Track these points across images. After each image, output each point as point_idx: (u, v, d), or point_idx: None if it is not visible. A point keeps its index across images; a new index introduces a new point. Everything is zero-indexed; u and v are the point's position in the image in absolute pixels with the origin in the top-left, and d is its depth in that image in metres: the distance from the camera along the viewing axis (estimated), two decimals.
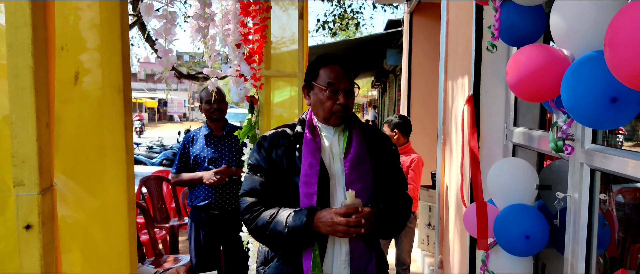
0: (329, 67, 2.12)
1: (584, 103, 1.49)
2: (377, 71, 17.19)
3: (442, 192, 3.99)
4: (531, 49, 1.69)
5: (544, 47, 1.68)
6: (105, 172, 0.73)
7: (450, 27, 3.77)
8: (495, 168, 2.39)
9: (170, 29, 1.80)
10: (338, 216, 1.91)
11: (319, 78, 2.11)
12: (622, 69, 0.98)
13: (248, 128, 2.93)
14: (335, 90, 2.08)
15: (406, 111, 6.57)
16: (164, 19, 1.78)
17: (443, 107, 3.88)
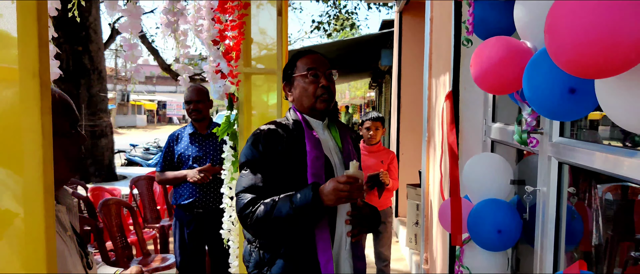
0: (306, 56, 2.19)
1: (543, 95, 1.49)
2: (373, 72, 17.17)
3: (427, 190, 3.99)
4: (493, 42, 1.69)
5: (506, 40, 1.67)
6: (22, 156, 0.73)
7: (434, 25, 3.77)
8: (470, 164, 2.39)
9: (136, 24, 1.79)
10: (340, 183, 1.89)
11: (298, 69, 2.17)
12: (560, 55, 0.98)
13: (227, 126, 2.93)
14: (316, 74, 2.13)
15: (396, 110, 6.58)
16: (129, 13, 1.78)
17: (427, 105, 3.88)
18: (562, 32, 0.96)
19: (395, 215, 6.48)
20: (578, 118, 1.52)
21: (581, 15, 0.94)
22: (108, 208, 4.44)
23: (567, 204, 1.96)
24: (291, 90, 2.20)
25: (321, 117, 2.20)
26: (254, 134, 2.14)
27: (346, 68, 16.69)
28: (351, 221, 2.09)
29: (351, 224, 2.10)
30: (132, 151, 14.96)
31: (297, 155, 2.07)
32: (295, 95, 2.18)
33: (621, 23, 0.91)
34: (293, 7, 18.15)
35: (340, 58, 13.65)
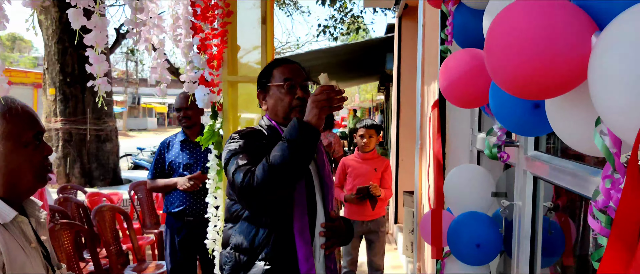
0: (282, 66, 2.16)
1: (508, 110, 1.45)
2: (381, 76, 17.13)
3: (420, 198, 3.93)
4: (460, 54, 1.65)
5: (473, 53, 1.63)
6: None
7: (426, 31, 3.73)
8: (451, 176, 2.35)
9: (102, 37, 1.77)
10: (316, 95, 1.82)
11: (274, 78, 2.13)
12: (497, 75, 0.94)
13: (210, 135, 2.90)
14: (292, 85, 2.09)
15: (396, 115, 6.52)
16: (94, 25, 1.76)
17: (420, 112, 3.83)
18: (499, 53, 0.92)
19: (394, 221, 6.42)
20: (544, 133, 1.47)
21: (516, 36, 0.90)
22: (102, 214, 4.44)
23: (548, 218, 1.91)
24: (265, 99, 2.17)
25: None
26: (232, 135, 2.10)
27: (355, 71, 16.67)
28: (325, 233, 2.06)
29: (325, 236, 2.06)
30: (139, 155, 15.03)
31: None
32: (269, 104, 2.15)
33: (556, 44, 0.87)
34: (301, 10, 18.15)
35: (348, 62, 13.63)
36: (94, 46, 1.79)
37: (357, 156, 4.31)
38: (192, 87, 2.69)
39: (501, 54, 0.92)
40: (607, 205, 0.89)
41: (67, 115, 9.40)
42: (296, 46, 21.38)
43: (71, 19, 1.71)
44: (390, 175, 4.34)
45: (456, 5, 2.21)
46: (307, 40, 28.70)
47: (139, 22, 1.91)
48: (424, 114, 3.77)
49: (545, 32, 0.88)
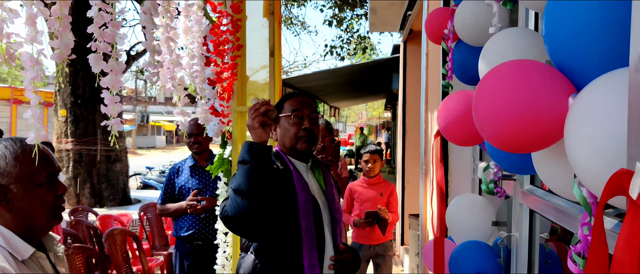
0: (292, 99, 2.28)
1: (500, 151, 1.53)
2: (387, 94, 17.25)
3: (425, 223, 4.01)
4: (457, 96, 1.74)
5: (468, 94, 1.72)
6: None
7: (429, 59, 3.83)
8: (453, 204, 2.42)
9: (117, 80, 1.88)
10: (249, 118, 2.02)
11: (284, 110, 2.25)
12: (484, 131, 1.03)
13: (220, 163, 3.00)
14: (300, 116, 2.20)
15: (401, 137, 6.61)
16: (111, 69, 1.87)
17: (424, 138, 3.92)
18: (484, 110, 1.02)
19: (401, 242, 6.48)
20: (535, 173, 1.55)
21: (499, 96, 0.99)
22: (113, 237, 4.54)
23: (545, 248, 1.98)
24: (275, 130, 2.27)
25: (305, 159, 2.27)
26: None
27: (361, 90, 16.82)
28: (334, 266, 2.14)
29: (334, 269, 2.15)
30: (148, 174, 15.16)
31: (286, 194, 2.13)
32: (278, 134, 2.26)
33: (536, 104, 0.96)
34: (308, 30, 18.38)
35: (355, 81, 13.78)
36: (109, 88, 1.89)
37: (363, 181, 4.40)
38: (207, 118, 2.80)
39: (486, 112, 1.01)
40: (585, 250, 0.98)
41: (77, 136, 9.56)
42: (303, 65, 21.58)
43: (92, 63, 1.82)
44: (396, 199, 4.43)
45: (456, 42, 2.32)
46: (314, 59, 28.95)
47: (157, 63, 2.02)
48: (428, 140, 3.85)
49: (526, 93, 0.98)
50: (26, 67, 1.70)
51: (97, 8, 1.79)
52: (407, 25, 6.06)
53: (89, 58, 1.82)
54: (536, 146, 1.01)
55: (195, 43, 2.69)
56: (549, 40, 1.04)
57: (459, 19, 2.12)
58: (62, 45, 1.64)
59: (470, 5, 2.05)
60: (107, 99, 1.84)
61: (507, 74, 1.02)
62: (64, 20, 1.64)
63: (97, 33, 1.81)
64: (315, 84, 13.19)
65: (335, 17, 14.21)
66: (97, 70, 1.83)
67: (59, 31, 1.63)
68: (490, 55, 1.65)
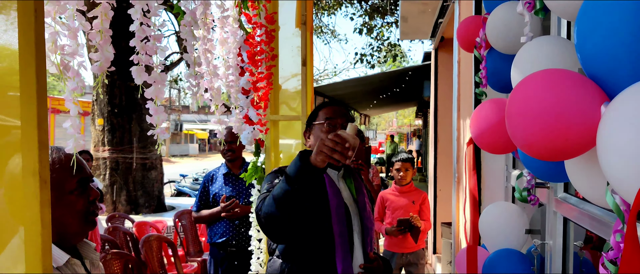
0: (326, 107, 2.32)
1: (534, 159, 1.54)
2: (418, 101, 17.17)
3: (457, 232, 3.99)
4: (490, 104, 1.76)
5: (501, 102, 1.74)
6: (24, 245, 0.87)
7: (461, 67, 3.83)
8: (486, 213, 2.43)
9: (160, 91, 1.96)
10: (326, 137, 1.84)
11: (318, 118, 2.29)
12: (517, 140, 1.05)
13: (253, 171, 3.07)
14: (333, 124, 2.23)
15: (433, 145, 6.59)
16: (154, 80, 1.94)
17: (456, 146, 3.92)
18: (517, 120, 1.04)
19: (433, 251, 6.45)
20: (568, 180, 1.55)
21: (532, 105, 1.01)
22: (150, 244, 4.65)
23: (580, 256, 1.97)
24: (309, 137, 2.32)
25: (337, 166, 2.30)
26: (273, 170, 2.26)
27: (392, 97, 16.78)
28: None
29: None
30: (182, 181, 15.41)
31: (318, 200, 2.16)
32: (311, 142, 2.30)
33: (568, 113, 0.98)
34: (338, 38, 18.47)
35: (385, 89, 13.78)
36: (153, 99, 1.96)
37: (394, 189, 4.42)
38: (241, 128, 2.87)
39: (519, 121, 1.03)
40: (617, 257, 0.99)
41: (114, 144, 9.81)
42: (333, 73, 21.66)
43: (134, 75, 1.90)
44: (428, 207, 4.43)
45: (488, 50, 2.33)
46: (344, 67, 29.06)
47: (198, 75, 2.09)
48: (460, 148, 3.85)
49: (559, 102, 1.00)
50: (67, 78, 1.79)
51: (139, 22, 1.87)
52: (438, 32, 6.06)
53: (131, 71, 1.90)
54: (569, 155, 1.02)
55: (230, 53, 2.76)
56: (581, 49, 1.06)
57: (491, 27, 2.13)
58: (102, 57, 1.72)
59: (502, 13, 2.06)
60: (152, 109, 1.91)
61: (540, 83, 1.04)
62: (105, 34, 1.72)
63: (139, 46, 1.88)
64: (345, 92, 13.24)
65: (366, 25, 14.25)
66: (140, 81, 1.91)
67: (99, 44, 1.71)
68: (522, 63, 1.66)
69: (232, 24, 2.83)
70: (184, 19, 2.16)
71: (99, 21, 1.64)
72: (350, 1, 14.61)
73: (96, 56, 1.68)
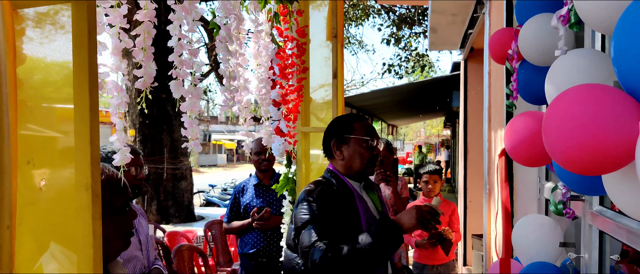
0: (363, 122, 2.31)
1: (569, 173, 1.54)
2: (447, 112, 17.06)
3: (489, 244, 3.95)
4: (524, 116, 1.76)
5: (536, 115, 1.73)
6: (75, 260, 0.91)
7: (492, 78, 3.81)
8: (519, 225, 2.41)
9: (196, 104, 2.01)
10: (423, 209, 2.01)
11: (356, 132, 2.25)
12: (554, 154, 1.06)
13: (285, 182, 3.10)
14: (374, 142, 2.24)
15: (463, 156, 6.54)
16: (190, 94, 1.99)
17: (487, 157, 3.89)
18: (554, 134, 1.05)
19: (463, 263, 6.38)
20: (605, 194, 1.54)
21: (569, 120, 1.02)
22: (181, 253, 4.72)
23: (616, 270, 1.95)
24: (341, 150, 2.27)
25: (359, 178, 2.29)
26: (306, 194, 2.17)
27: (420, 108, 16.72)
28: None
29: None
30: (211, 191, 15.59)
31: (353, 218, 2.15)
32: (346, 155, 2.25)
33: (606, 128, 0.98)
34: (366, 49, 18.53)
35: (413, 99, 13.74)
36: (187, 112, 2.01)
37: (423, 201, 4.40)
38: (270, 139, 2.91)
39: (556, 136, 1.04)
40: None
41: (145, 155, 9.99)
42: (361, 84, 21.69)
43: (173, 89, 1.95)
44: (458, 218, 4.41)
45: (520, 62, 2.32)
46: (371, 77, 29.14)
47: (233, 89, 2.14)
48: (491, 160, 3.82)
49: (597, 117, 1.00)
50: (111, 94, 1.85)
51: (177, 38, 1.92)
52: (467, 43, 6.04)
53: (170, 85, 1.96)
54: (607, 169, 1.03)
55: (262, 67, 2.81)
56: (618, 63, 1.06)
57: (523, 39, 2.13)
58: (145, 74, 1.78)
59: (535, 25, 2.06)
60: (186, 122, 1.96)
61: (578, 98, 1.05)
62: (148, 51, 1.78)
63: (177, 61, 1.94)
64: (373, 102, 13.24)
65: (394, 35, 14.26)
66: (178, 95, 1.96)
67: (143, 61, 1.76)
68: (557, 76, 1.66)
69: (264, 38, 2.88)
70: (219, 35, 2.21)
71: (142, 39, 1.70)
72: (378, 12, 14.64)
73: (140, 72, 1.74)
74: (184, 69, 1.97)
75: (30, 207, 0.82)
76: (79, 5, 0.90)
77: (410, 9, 13.59)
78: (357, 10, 14.72)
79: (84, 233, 0.91)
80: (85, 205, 0.91)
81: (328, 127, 2.37)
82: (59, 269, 0.90)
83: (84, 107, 0.92)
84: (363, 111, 14.20)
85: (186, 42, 1.96)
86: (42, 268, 1.00)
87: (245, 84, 2.59)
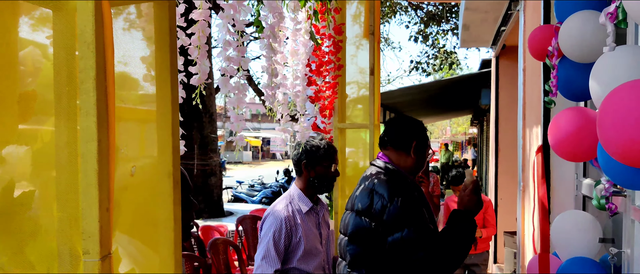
0: (426, 132, 2.46)
1: (615, 166, 1.56)
2: (474, 109, 16.92)
3: (523, 240, 3.96)
4: (569, 113, 1.78)
5: (581, 111, 1.76)
6: (158, 240, 0.98)
7: (527, 75, 3.81)
8: (557, 221, 2.42)
9: (242, 99, 2.08)
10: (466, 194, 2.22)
11: (427, 140, 2.43)
12: (609, 147, 1.10)
13: None
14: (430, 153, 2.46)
15: (494, 153, 6.52)
16: (237, 90, 2.06)
17: (521, 154, 3.89)
18: (609, 129, 1.08)
19: (494, 260, 6.37)
20: None
21: (624, 114, 1.05)
22: (216, 247, 4.82)
23: None
24: (416, 150, 2.36)
25: None
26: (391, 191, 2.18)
27: (446, 106, 16.62)
28: None
29: None
30: (239, 188, 15.76)
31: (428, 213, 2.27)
32: (418, 157, 2.38)
33: None
34: (392, 46, 18.48)
35: (440, 96, 13.68)
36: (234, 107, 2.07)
37: (453, 198, 4.65)
38: (305, 135, 2.97)
39: (611, 130, 1.07)
40: None
41: None
42: (387, 81, 21.65)
43: (220, 85, 2.02)
44: (493, 214, 4.61)
45: (560, 58, 2.33)
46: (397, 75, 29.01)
47: (274, 85, 2.21)
48: (526, 157, 3.82)
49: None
50: None
51: (226, 35, 1.99)
52: (500, 40, 6.02)
53: (217, 81, 2.03)
54: None
55: (300, 65, 2.87)
56: None
57: (564, 36, 2.14)
58: (200, 71, 1.85)
59: (576, 22, 2.08)
60: (232, 117, 2.03)
61: (632, 92, 1.08)
62: (202, 49, 1.85)
63: (225, 58, 2.01)
64: (400, 100, 13.22)
65: (421, 32, 14.22)
66: (225, 91, 2.03)
67: (198, 58, 1.84)
68: (602, 73, 1.68)
69: (303, 35, 2.94)
70: (263, 32, 2.28)
71: (197, 37, 1.77)
72: (405, 9, 14.61)
73: (195, 69, 1.81)
74: (231, 66, 2.03)
75: (123, 192, 0.90)
76: (161, 5, 0.97)
77: (438, 5, 13.53)
78: (383, 7, 14.71)
79: (165, 217, 0.98)
80: (167, 191, 0.98)
81: (410, 125, 2.42)
82: (142, 251, 0.97)
83: (165, 101, 0.99)
84: (390, 108, 14.18)
85: (233, 40, 2.03)
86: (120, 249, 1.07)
87: (283, 81, 2.65)
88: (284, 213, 2.55)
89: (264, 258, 2.47)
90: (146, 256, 0.94)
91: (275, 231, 2.50)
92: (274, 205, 2.64)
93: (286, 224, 2.52)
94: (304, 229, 2.58)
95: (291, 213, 2.57)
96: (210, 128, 10.42)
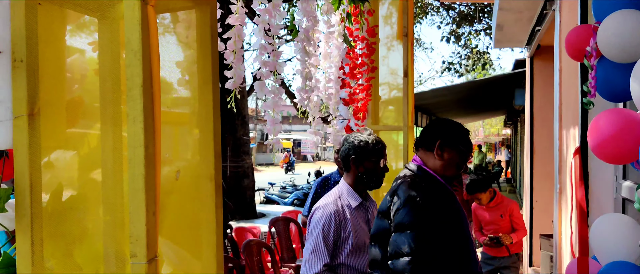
0: (469, 138, 2.38)
1: None
2: (507, 110, 16.68)
3: (560, 244, 3.89)
4: (609, 114, 1.75)
5: (622, 112, 1.73)
6: (201, 243, 1.01)
7: (563, 76, 3.74)
8: (597, 224, 2.37)
9: (278, 103, 2.10)
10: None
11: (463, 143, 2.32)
12: None
13: None
14: (468, 159, 2.40)
15: (529, 155, 6.41)
16: (272, 94, 2.09)
17: (558, 156, 3.83)
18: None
19: (529, 263, 6.26)
20: None
21: None
22: (250, 248, 4.87)
23: None
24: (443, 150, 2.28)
25: None
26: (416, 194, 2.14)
27: (479, 106, 16.42)
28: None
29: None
30: (270, 189, 15.87)
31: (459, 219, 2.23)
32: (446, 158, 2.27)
33: None
34: (423, 47, 18.34)
35: (472, 97, 13.53)
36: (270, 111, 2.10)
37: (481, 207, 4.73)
38: (337, 137, 2.98)
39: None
40: None
41: None
42: (419, 82, 21.50)
43: (257, 89, 2.06)
44: (519, 216, 4.70)
45: (598, 58, 2.29)
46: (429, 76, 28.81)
47: (308, 89, 2.23)
48: (562, 159, 3.76)
49: None
50: None
51: (262, 40, 2.02)
52: (534, 40, 5.92)
53: (254, 85, 2.06)
54: None
55: (333, 67, 2.88)
56: None
57: (603, 36, 2.10)
58: (235, 74, 1.88)
59: (616, 21, 2.04)
60: (269, 121, 2.06)
61: None
62: (238, 53, 1.88)
63: (261, 62, 2.03)
64: (433, 101, 13.12)
65: (453, 33, 14.09)
66: (262, 95, 2.06)
67: (233, 63, 1.87)
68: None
69: (336, 38, 2.95)
70: (298, 36, 2.30)
71: (233, 41, 1.80)
72: (437, 10, 14.49)
73: (230, 73, 1.85)
74: (267, 70, 2.06)
75: (169, 196, 0.92)
76: (202, 10, 0.99)
77: (471, 5, 13.38)
78: (415, 8, 14.62)
79: (208, 219, 1.00)
80: (210, 194, 1.00)
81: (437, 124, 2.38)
82: (184, 254, 1.00)
83: (207, 105, 1.01)
84: (422, 110, 14.08)
85: (269, 44, 2.06)
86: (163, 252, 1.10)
87: (316, 84, 2.67)
88: (333, 207, 2.48)
89: (314, 251, 2.41)
90: (189, 259, 0.97)
91: (325, 224, 2.43)
92: (323, 200, 2.59)
93: (335, 218, 2.46)
94: (353, 224, 2.51)
95: (340, 208, 2.50)
96: (242, 131, 10.52)
